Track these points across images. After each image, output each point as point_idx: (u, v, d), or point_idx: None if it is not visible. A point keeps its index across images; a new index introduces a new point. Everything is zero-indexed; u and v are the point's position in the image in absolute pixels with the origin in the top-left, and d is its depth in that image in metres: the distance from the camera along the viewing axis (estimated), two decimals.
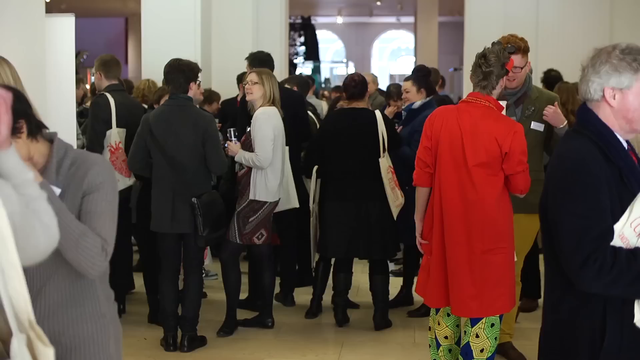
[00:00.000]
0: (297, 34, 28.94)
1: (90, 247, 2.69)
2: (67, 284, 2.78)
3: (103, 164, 2.87)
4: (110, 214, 2.81)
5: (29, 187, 2.38)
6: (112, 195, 2.84)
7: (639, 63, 2.91)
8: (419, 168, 5.12)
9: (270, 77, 6.49)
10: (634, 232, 2.80)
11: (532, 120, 5.68)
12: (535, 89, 5.86)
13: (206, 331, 6.49)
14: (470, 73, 5.05)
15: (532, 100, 5.73)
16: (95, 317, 2.88)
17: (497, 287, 4.88)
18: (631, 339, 2.85)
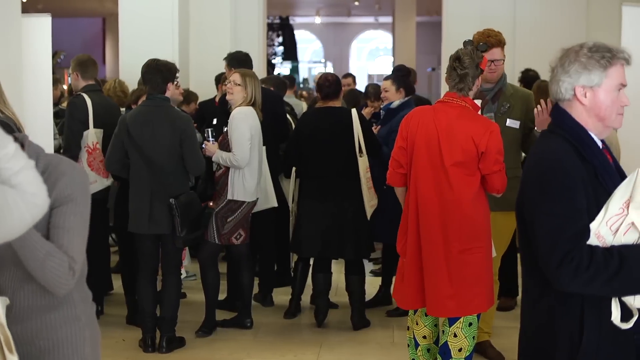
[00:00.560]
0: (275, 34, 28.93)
1: (57, 267, 2.63)
2: (42, 287, 2.75)
3: (73, 173, 2.76)
4: (80, 229, 2.72)
5: (9, 160, 2.34)
6: (82, 207, 2.74)
7: (608, 60, 2.93)
8: (392, 168, 5.13)
9: (254, 79, 6.48)
10: (610, 231, 2.82)
11: (508, 117, 5.70)
12: (510, 86, 5.89)
13: (185, 332, 6.47)
14: (446, 76, 5.08)
15: (507, 97, 5.75)
16: (71, 320, 2.85)
17: (474, 287, 4.89)
18: (609, 337, 2.86)
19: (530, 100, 5.86)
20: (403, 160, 5.04)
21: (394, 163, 5.10)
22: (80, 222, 2.73)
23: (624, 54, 2.97)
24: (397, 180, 5.14)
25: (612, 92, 2.96)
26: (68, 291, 2.74)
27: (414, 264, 4.98)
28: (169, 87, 6.17)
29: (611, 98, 2.96)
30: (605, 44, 2.98)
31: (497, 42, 5.69)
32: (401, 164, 5.06)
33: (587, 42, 3.00)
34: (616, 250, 2.79)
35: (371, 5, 26.33)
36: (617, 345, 2.87)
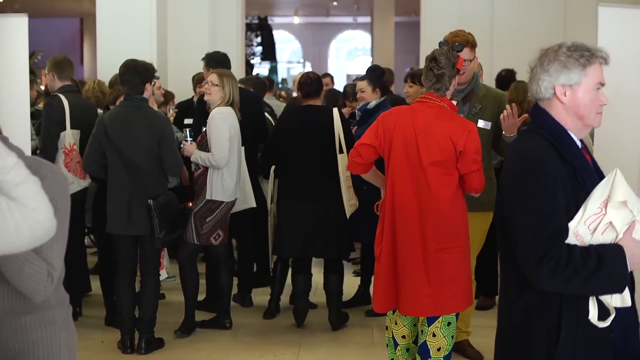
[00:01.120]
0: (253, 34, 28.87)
1: (35, 274, 2.61)
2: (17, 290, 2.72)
3: (54, 178, 2.74)
4: (59, 235, 2.67)
5: (9, 172, 2.31)
6: (62, 213, 2.72)
7: (587, 59, 2.95)
8: (351, 157, 5.12)
9: (231, 80, 6.47)
10: (588, 230, 2.83)
11: (479, 118, 5.70)
12: (483, 86, 5.90)
13: (164, 333, 6.45)
14: (422, 77, 5.09)
15: (479, 98, 5.76)
16: (46, 323, 2.83)
17: (452, 286, 4.90)
18: (586, 335, 2.88)
19: (503, 101, 5.87)
20: (364, 152, 5.04)
21: (354, 152, 5.09)
22: (60, 229, 2.67)
23: (602, 53, 3.00)
24: (356, 168, 5.16)
25: (591, 90, 2.98)
26: (46, 297, 2.72)
27: (388, 265, 4.99)
28: (147, 87, 6.15)
29: (590, 97, 2.98)
30: (583, 44, 3.00)
31: (465, 42, 5.69)
32: (361, 154, 5.05)
33: (565, 42, 3.03)
34: (594, 249, 2.80)
35: (350, 5, 26.34)
36: (594, 343, 2.89)
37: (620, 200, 2.82)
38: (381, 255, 5.02)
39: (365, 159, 5.06)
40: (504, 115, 5.50)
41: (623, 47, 5.65)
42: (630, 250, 2.83)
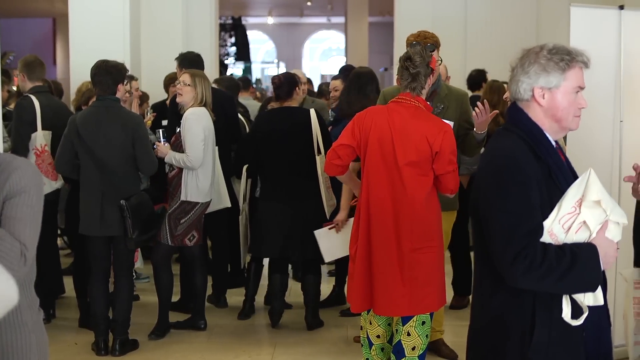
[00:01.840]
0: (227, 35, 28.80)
1: (7, 252, 2.59)
2: None
3: (27, 168, 2.76)
4: (32, 219, 2.71)
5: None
6: (35, 200, 2.73)
7: (566, 63, 2.96)
8: (328, 159, 5.12)
9: (203, 80, 6.46)
10: (563, 229, 2.85)
11: (442, 117, 5.72)
12: (445, 86, 5.93)
13: (138, 334, 6.43)
14: (397, 76, 5.09)
15: (442, 97, 5.80)
16: (15, 326, 2.80)
17: (426, 286, 4.91)
18: (559, 333, 2.90)
19: (464, 101, 5.93)
20: (343, 153, 5.04)
21: (332, 154, 5.08)
22: (32, 214, 2.71)
23: (582, 57, 3.01)
24: (333, 170, 5.15)
25: (570, 94, 2.99)
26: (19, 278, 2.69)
27: (363, 264, 4.99)
28: (119, 88, 6.12)
29: (568, 100, 2.99)
30: (565, 47, 3.01)
31: (434, 43, 5.73)
32: (339, 155, 5.05)
33: (547, 44, 3.03)
34: (568, 248, 2.82)
35: (324, 5, 26.35)
36: (567, 341, 2.91)
37: (594, 200, 2.83)
38: (356, 255, 5.02)
39: (344, 160, 5.06)
40: (477, 112, 5.53)
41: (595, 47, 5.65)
42: (604, 249, 2.85)
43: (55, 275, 7.18)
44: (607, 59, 5.84)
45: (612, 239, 2.87)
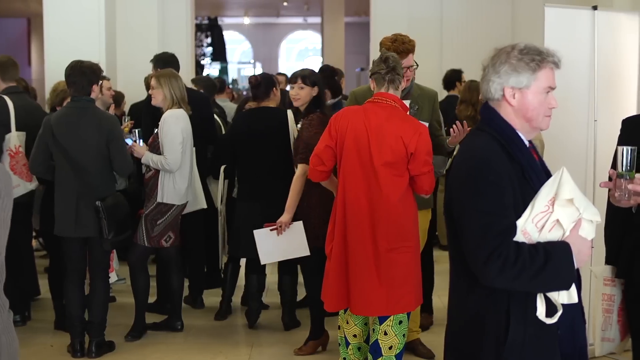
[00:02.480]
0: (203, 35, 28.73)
1: None
2: None
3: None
4: (2, 223, 2.66)
5: None
6: (5, 203, 2.69)
7: (537, 63, 2.97)
8: (312, 165, 5.13)
9: (169, 79, 6.44)
10: (536, 228, 2.86)
11: (417, 118, 5.75)
12: (417, 86, 5.95)
13: (114, 336, 6.40)
14: (374, 72, 5.08)
15: (415, 98, 5.82)
16: None
17: (403, 285, 4.92)
18: (534, 332, 2.91)
19: (435, 100, 5.98)
20: (326, 157, 5.05)
21: (316, 160, 5.09)
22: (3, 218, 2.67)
23: (554, 57, 3.02)
24: (318, 176, 5.16)
25: (540, 94, 3.00)
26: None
27: (339, 264, 5.00)
28: (94, 88, 6.09)
29: (539, 100, 3.00)
30: (536, 47, 3.02)
31: (412, 48, 5.74)
32: (323, 161, 5.06)
33: (519, 44, 3.04)
34: (542, 246, 2.83)
35: (300, 6, 26.35)
36: (542, 339, 2.92)
37: (567, 198, 2.85)
38: (332, 254, 5.03)
39: (328, 165, 5.07)
40: (455, 131, 5.60)
41: (569, 47, 5.72)
42: (577, 247, 2.86)
43: (30, 277, 7.14)
44: (581, 59, 5.88)
45: (586, 237, 2.89)
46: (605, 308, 4.45)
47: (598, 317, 4.48)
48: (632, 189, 3.16)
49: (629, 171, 3.19)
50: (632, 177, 3.24)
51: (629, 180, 3.22)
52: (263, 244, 6.08)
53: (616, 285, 4.45)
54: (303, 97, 6.17)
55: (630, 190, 3.19)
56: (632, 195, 3.20)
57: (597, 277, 4.48)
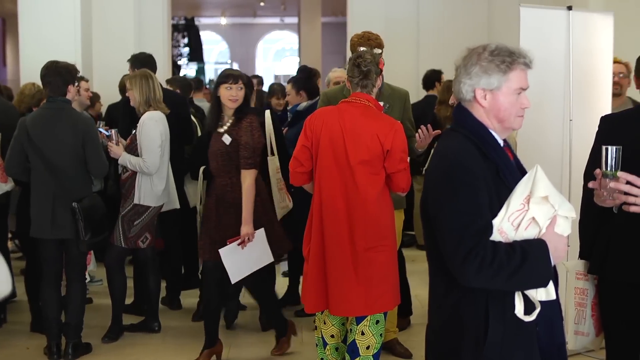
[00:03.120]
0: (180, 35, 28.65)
1: None
2: None
3: None
4: None
5: None
6: None
7: (507, 65, 2.98)
8: (292, 168, 5.12)
9: (141, 79, 6.43)
10: (512, 226, 2.87)
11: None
12: (387, 86, 5.97)
13: (91, 338, 6.38)
14: (347, 75, 5.10)
15: (386, 97, 5.84)
16: None
17: (380, 285, 4.93)
18: (513, 329, 2.92)
19: (407, 99, 6.03)
20: (304, 158, 5.05)
21: (295, 162, 5.09)
22: None
23: (525, 59, 3.02)
24: (299, 179, 5.15)
25: (511, 95, 3.01)
26: None
27: (316, 265, 4.99)
28: (70, 89, 6.07)
29: (510, 101, 3.01)
30: (507, 47, 3.02)
31: (378, 45, 5.79)
32: (301, 162, 5.05)
33: (490, 45, 3.04)
34: (518, 245, 2.84)
35: (277, 6, 26.33)
36: (521, 336, 2.94)
37: (542, 196, 2.86)
38: (310, 255, 5.03)
39: (306, 166, 5.06)
40: (420, 138, 5.65)
41: (544, 47, 5.76)
42: (553, 244, 2.88)
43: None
44: (556, 59, 5.91)
45: (562, 234, 2.90)
46: (578, 302, 4.48)
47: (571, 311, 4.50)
48: (614, 187, 3.17)
49: (614, 171, 3.20)
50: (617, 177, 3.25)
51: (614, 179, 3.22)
52: (230, 261, 5.74)
53: (589, 280, 4.47)
54: (240, 99, 5.84)
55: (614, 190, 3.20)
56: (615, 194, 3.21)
57: (570, 271, 4.51)
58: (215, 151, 5.83)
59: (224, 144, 5.77)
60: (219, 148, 5.81)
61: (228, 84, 5.79)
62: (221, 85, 5.81)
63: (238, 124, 5.77)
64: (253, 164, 5.71)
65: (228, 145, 5.75)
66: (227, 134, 5.78)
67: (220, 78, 5.88)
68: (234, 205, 5.74)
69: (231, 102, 5.80)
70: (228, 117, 5.84)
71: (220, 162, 5.80)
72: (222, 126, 5.84)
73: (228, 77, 5.81)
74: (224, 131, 5.80)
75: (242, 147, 5.71)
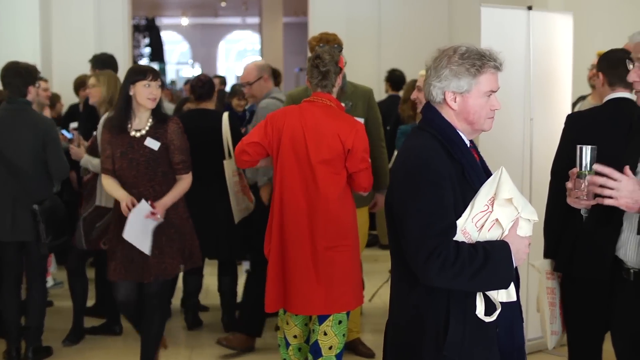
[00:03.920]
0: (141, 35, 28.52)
1: None
2: None
3: None
4: None
5: None
6: None
7: (477, 68, 2.98)
8: (237, 155, 5.11)
9: (110, 78, 6.39)
10: (476, 227, 2.88)
11: (352, 114, 5.79)
12: (350, 84, 5.99)
13: (52, 341, 6.33)
14: (307, 76, 5.10)
15: (348, 95, 5.86)
16: None
17: (341, 284, 4.93)
18: (474, 330, 2.92)
19: (370, 97, 6.04)
20: (253, 151, 5.04)
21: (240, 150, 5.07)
22: None
23: (495, 62, 3.03)
24: (243, 164, 5.19)
25: (481, 98, 3.01)
26: None
27: (276, 264, 4.99)
28: (30, 90, 6.00)
29: (479, 104, 3.02)
30: (477, 50, 3.02)
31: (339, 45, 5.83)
32: (248, 152, 5.04)
33: (460, 47, 3.03)
34: (481, 246, 2.85)
35: (238, 6, 26.29)
36: (481, 337, 2.94)
37: (505, 198, 2.87)
38: (270, 254, 5.02)
39: (252, 156, 5.06)
40: None
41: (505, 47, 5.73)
42: (516, 246, 2.89)
43: None
44: (516, 59, 5.95)
45: (524, 236, 2.92)
46: (550, 301, 4.52)
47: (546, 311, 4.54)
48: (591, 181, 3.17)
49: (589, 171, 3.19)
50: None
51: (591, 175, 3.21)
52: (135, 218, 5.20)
53: (555, 279, 4.52)
54: (159, 98, 5.36)
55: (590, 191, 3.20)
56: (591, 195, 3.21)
57: (540, 272, 4.55)
58: (134, 158, 5.26)
59: (150, 149, 5.26)
60: (142, 154, 5.27)
61: (147, 80, 5.20)
62: (137, 83, 5.20)
63: (163, 126, 5.31)
64: (190, 166, 5.49)
65: (156, 151, 5.28)
66: (149, 137, 5.28)
67: (135, 74, 5.24)
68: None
69: (150, 101, 5.24)
70: (144, 118, 5.31)
71: (142, 170, 5.26)
72: (140, 129, 5.30)
73: (146, 73, 5.21)
74: (142, 135, 5.28)
75: (176, 151, 5.34)
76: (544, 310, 4.57)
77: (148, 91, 5.21)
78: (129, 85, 5.22)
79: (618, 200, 3.13)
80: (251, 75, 6.62)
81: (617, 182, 3.12)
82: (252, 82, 6.60)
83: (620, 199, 3.13)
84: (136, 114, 5.31)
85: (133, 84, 5.22)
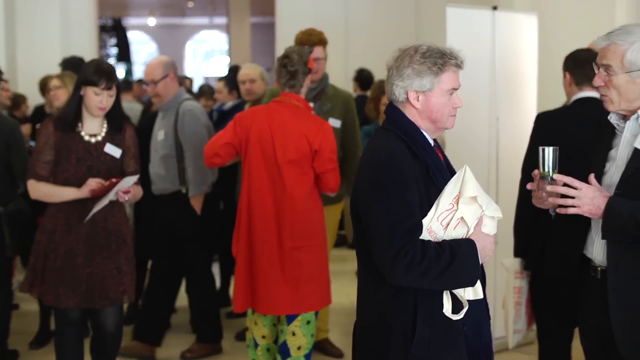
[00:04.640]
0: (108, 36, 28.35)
1: None
2: None
3: None
4: None
5: None
6: None
7: (439, 67, 2.99)
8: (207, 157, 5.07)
9: (74, 79, 6.33)
10: (441, 226, 2.89)
11: (329, 116, 5.80)
12: (332, 87, 5.99)
13: (18, 344, 6.28)
14: (276, 76, 5.10)
15: (329, 97, 5.87)
16: None
17: (308, 285, 4.94)
18: (441, 328, 2.93)
19: (350, 102, 6.03)
20: (224, 153, 5.03)
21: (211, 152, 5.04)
22: None
23: (456, 60, 3.03)
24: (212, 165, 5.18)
25: (444, 96, 3.02)
26: None
27: (244, 264, 4.99)
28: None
29: (442, 102, 3.02)
30: (439, 48, 3.02)
31: (319, 41, 5.85)
32: (220, 154, 5.03)
33: (421, 46, 3.04)
34: (447, 244, 2.86)
35: (205, 6, 26.23)
36: (448, 335, 2.95)
37: (470, 196, 2.88)
38: (238, 254, 5.02)
39: (224, 158, 5.06)
40: None
41: (470, 47, 5.81)
42: (481, 243, 2.91)
43: None
44: (482, 58, 5.99)
45: (489, 233, 2.94)
46: (516, 301, 4.56)
47: (510, 310, 4.57)
48: (551, 190, 3.21)
49: (552, 171, 3.23)
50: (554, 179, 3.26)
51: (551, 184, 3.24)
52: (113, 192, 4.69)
53: (524, 278, 4.55)
54: (109, 108, 4.81)
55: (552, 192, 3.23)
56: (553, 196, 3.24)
57: (509, 271, 4.58)
58: (93, 165, 4.77)
59: (111, 156, 4.82)
60: (103, 161, 4.80)
61: (98, 88, 4.68)
62: (89, 87, 4.70)
63: (121, 132, 4.89)
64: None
65: (118, 159, 4.85)
66: (109, 143, 4.83)
67: (90, 76, 4.69)
68: (115, 233, 4.83)
69: (98, 109, 4.73)
70: (97, 122, 4.83)
71: (103, 179, 4.72)
72: (96, 135, 4.81)
73: (99, 81, 4.66)
74: (99, 141, 4.81)
75: (133, 159, 4.92)
76: (508, 309, 4.60)
77: (98, 99, 4.71)
78: (81, 85, 4.74)
79: (581, 208, 3.18)
80: (156, 73, 6.02)
81: (577, 191, 3.17)
82: (157, 81, 6.00)
83: (582, 206, 3.18)
84: (86, 116, 4.81)
85: (85, 86, 4.72)
